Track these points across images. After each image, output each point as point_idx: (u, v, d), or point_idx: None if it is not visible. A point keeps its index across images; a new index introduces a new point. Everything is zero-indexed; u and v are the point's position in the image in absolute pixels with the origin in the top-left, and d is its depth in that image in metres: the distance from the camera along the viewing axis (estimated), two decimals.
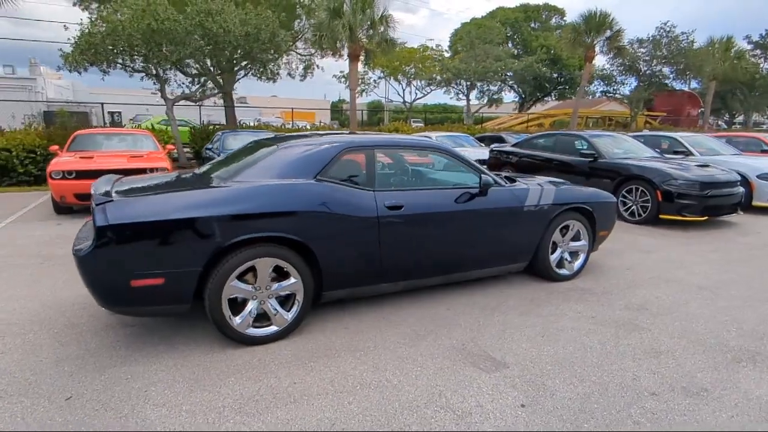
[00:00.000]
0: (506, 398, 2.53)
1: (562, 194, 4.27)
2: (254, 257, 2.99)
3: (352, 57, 15.66)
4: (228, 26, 12.76)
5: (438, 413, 2.39)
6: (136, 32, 12.38)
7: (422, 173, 4.16)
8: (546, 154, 8.55)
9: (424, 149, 3.94)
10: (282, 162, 3.27)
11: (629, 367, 2.86)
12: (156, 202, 2.82)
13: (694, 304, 3.88)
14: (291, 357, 2.95)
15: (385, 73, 29.60)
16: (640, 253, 5.45)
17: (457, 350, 3.06)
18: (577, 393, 2.58)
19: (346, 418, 2.34)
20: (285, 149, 3.38)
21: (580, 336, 3.27)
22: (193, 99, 14.58)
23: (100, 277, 2.71)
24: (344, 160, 3.45)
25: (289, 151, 3.37)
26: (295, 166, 3.26)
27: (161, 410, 2.39)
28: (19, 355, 2.93)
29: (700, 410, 2.44)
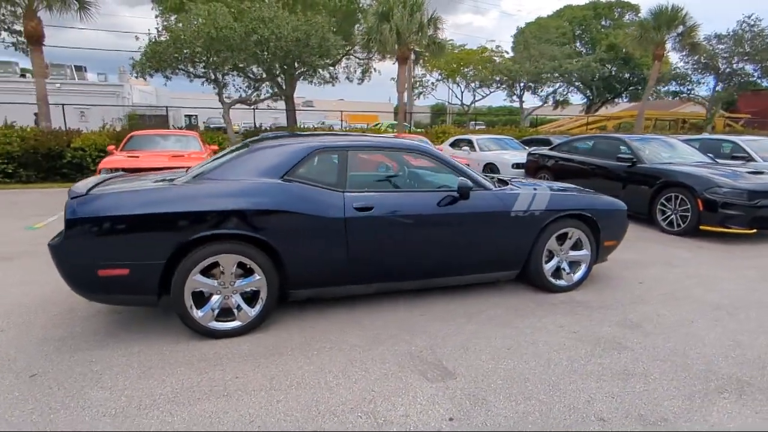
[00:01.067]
0: (437, 410, 2.43)
1: (558, 200, 4.02)
2: (217, 253, 3.10)
3: (401, 60, 15.68)
4: (280, 32, 13.27)
5: (359, 419, 2.34)
6: (197, 40, 13.22)
7: (402, 175, 4.08)
8: (582, 158, 8.07)
9: (400, 150, 3.87)
10: (252, 162, 3.36)
11: (588, 389, 2.63)
12: (122, 197, 3.01)
13: (700, 325, 3.50)
14: (246, 352, 3.03)
15: (443, 75, 29.36)
16: (665, 266, 4.99)
17: (411, 357, 2.98)
18: (516, 411, 2.43)
19: (267, 417, 2.36)
20: (257, 150, 3.47)
21: (551, 351, 3.07)
22: (248, 102, 15.34)
23: (69, 266, 2.94)
24: (315, 162, 3.48)
25: (260, 151, 3.46)
26: (263, 166, 3.34)
27: (104, 393, 2.55)
28: (14, 334, 3.24)
29: None
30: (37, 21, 12.52)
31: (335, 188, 3.41)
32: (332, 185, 3.42)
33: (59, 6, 12.58)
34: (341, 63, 25.22)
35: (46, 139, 12.29)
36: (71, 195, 2.99)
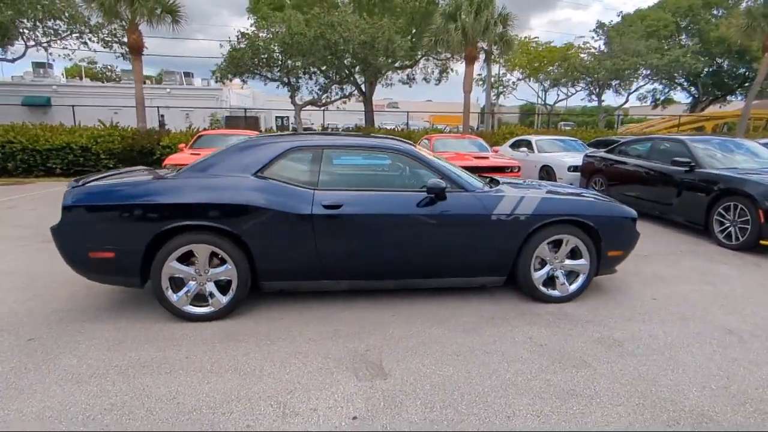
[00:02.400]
0: (347, 408, 2.44)
1: (549, 204, 3.76)
2: (190, 243, 3.36)
3: (468, 59, 15.36)
4: (348, 35, 13.69)
5: (266, 408, 2.43)
6: (273, 46, 14.10)
7: (379, 175, 4.05)
8: (637, 162, 7.37)
9: (376, 150, 3.86)
10: (229, 159, 3.59)
11: (516, 404, 2.48)
12: (108, 188, 3.38)
13: (694, 350, 3.09)
14: (209, 336, 3.25)
15: (524, 74, 28.18)
16: (696, 283, 4.43)
17: (354, 355, 3.00)
18: (425, 418, 2.36)
19: (188, 396, 2.54)
20: (236, 148, 3.69)
21: (501, 363, 2.91)
22: (318, 104, 16.02)
23: (66, 247, 3.36)
24: (289, 160, 3.61)
25: (239, 149, 3.67)
26: (239, 163, 3.55)
27: (72, 360, 2.89)
28: (35, 304, 3.77)
29: None
30: (138, 34, 14.14)
31: (306, 186, 3.52)
32: (303, 183, 3.54)
33: (156, 19, 14.09)
34: (418, 64, 25.37)
35: (141, 138, 13.84)
36: (70, 185, 3.42)
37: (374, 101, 50.90)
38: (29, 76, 35.01)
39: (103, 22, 14.64)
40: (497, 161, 9.23)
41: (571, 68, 22.85)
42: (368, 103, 26.86)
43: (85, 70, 48.06)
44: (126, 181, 3.48)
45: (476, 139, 11.27)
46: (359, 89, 26.16)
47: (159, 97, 33.00)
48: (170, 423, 2.29)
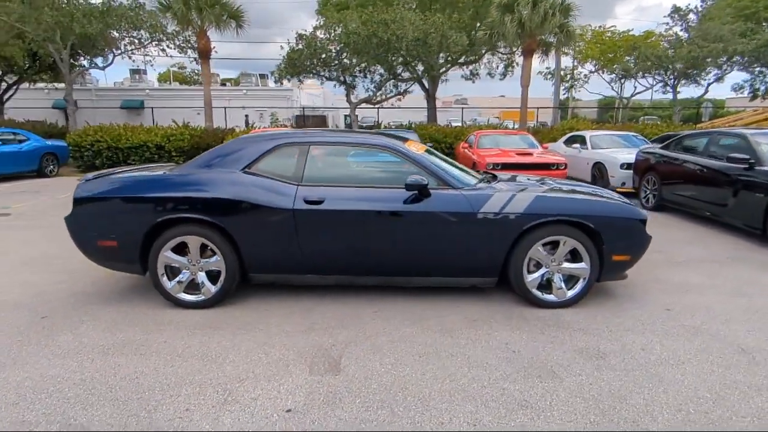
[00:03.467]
0: (286, 400, 2.47)
1: (543, 203, 3.53)
2: (183, 234, 3.57)
3: (526, 53, 14.67)
4: (401, 33, 13.68)
5: (212, 394, 2.53)
6: (330, 47, 14.47)
7: (365, 171, 3.99)
8: (690, 158, 6.65)
9: (362, 146, 3.83)
10: (222, 155, 3.75)
11: (457, 411, 2.37)
12: (110, 183, 3.67)
13: (689, 368, 2.76)
14: (193, 323, 3.43)
15: (597, 66, 26.37)
16: (727, 295, 3.94)
17: (317, 349, 3.02)
18: (357, 417, 2.33)
19: (148, 377, 2.70)
20: (229, 145, 3.85)
21: (463, 367, 2.79)
22: (373, 102, 16.17)
23: (77, 236, 3.71)
24: (277, 156, 3.70)
25: (231, 146, 3.82)
26: (232, 158, 3.70)
27: (68, 338, 3.19)
28: (64, 286, 4.20)
29: None
30: (206, 39, 15.14)
31: (290, 181, 3.60)
32: (288, 178, 3.61)
33: (223, 24, 14.99)
34: (482, 59, 24.72)
35: (207, 136, 14.80)
36: (83, 179, 3.76)
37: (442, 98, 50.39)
38: (127, 82, 38.84)
39: (179, 30, 15.81)
40: (541, 158, 8.80)
41: (642, 57, 20.92)
42: (431, 99, 26.68)
43: (174, 74, 52.30)
44: (128, 176, 3.76)
45: (525, 135, 10.79)
46: (422, 86, 26.08)
47: (236, 98, 35.12)
48: (121, 400, 2.46)
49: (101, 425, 2.26)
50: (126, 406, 2.42)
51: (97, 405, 2.43)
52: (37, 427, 2.24)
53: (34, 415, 2.34)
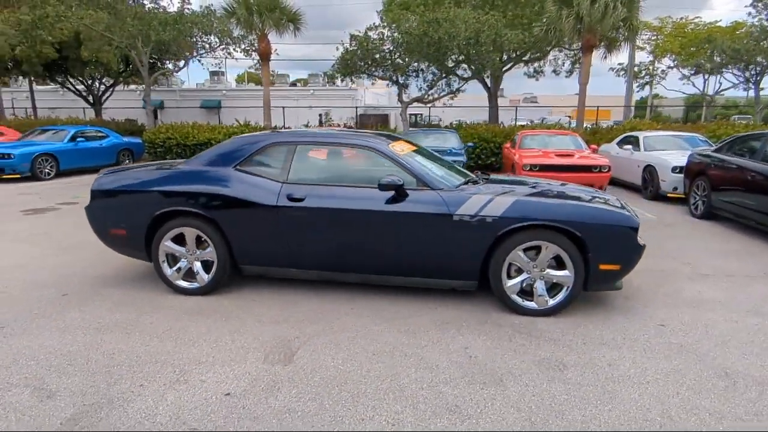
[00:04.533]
0: (230, 384, 2.63)
1: (523, 206, 3.41)
2: (180, 226, 3.87)
3: (585, 49, 13.86)
4: (453, 32, 13.54)
5: (168, 373, 2.74)
6: (383, 46, 14.66)
7: (349, 170, 3.99)
8: (741, 162, 6.01)
9: (346, 146, 3.89)
10: (220, 152, 3.99)
11: (383, 410, 2.40)
12: (119, 177, 4.04)
13: (651, 388, 2.57)
14: (183, 308, 3.70)
15: (676, 61, 24.25)
16: (745, 314, 3.57)
17: (279, 340, 3.15)
18: (287, 406, 2.43)
19: (123, 352, 2.97)
20: (227, 143, 4.08)
21: (410, 368, 2.80)
22: (424, 101, 16.13)
23: (94, 224, 4.12)
24: (266, 154, 3.88)
25: (227, 144, 4.06)
26: (226, 156, 3.94)
27: (77, 315, 3.56)
28: (91, 270, 4.66)
29: None
30: (267, 42, 15.90)
31: (276, 179, 3.76)
32: (275, 176, 3.78)
33: (282, 27, 15.67)
34: (548, 56, 23.74)
35: None
36: (101, 174, 4.17)
37: (509, 96, 48.83)
38: (208, 83, 41.72)
39: (244, 34, 16.75)
40: (581, 160, 8.35)
41: (718, 51, 18.83)
42: (493, 98, 26.06)
43: (250, 75, 55.24)
44: (136, 171, 4.12)
45: (573, 135, 10.28)
46: (483, 84, 25.53)
47: (304, 98, 36.55)
48: (91, 372, 2.74)
49: (64, 391, 2.54)
50: (92, 377, 2.69)
51: (70, 374, 2.72)
52: (11, 390, 2.57)
53: (16, 379, 2.68)
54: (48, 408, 2.41)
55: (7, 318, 3.49)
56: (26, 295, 3.95)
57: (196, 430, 2.25)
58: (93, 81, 27.86)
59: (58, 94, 31.35)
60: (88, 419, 2.31)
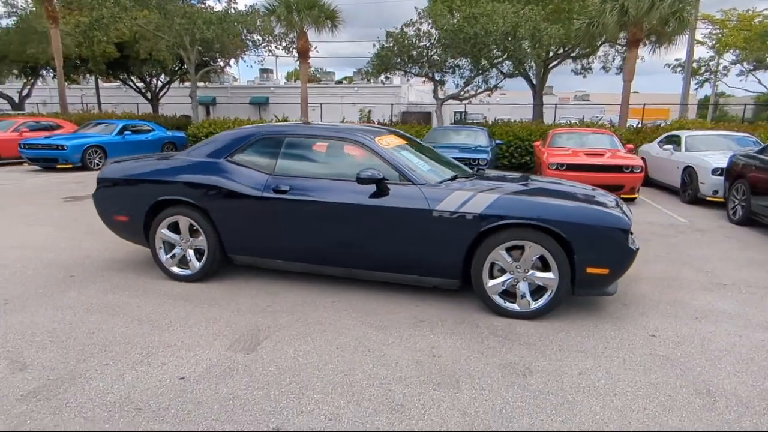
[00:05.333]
0: (188, 368, 2.68)
1: (504, 204, 3.26)
2: (175, 214, 3.99)
3: (631, 43, 13.07)
4: (490, 27, 13.24)
5: (135, 354, 2.83)
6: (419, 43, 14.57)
7: (334, 164, 3.93)
8: None
9: (331, 139, 3.86)
10: (212, 144, 4.08)
11: (323, 402, 2.36)
12: (121, 167, 4.21)
13: (615, 402, 2.38)
14: (175, 293, 3.82)
15: (739, 56, 22.43)
16: (752, 329, 3.25)
17: (248, 329, 3.17)
18: (232, 393, 2.45)
19: (106, 330, 3.10)
20: (220, 135, 4.16)
21: (368, 364, 2.75)
22: (460, 98, 15.86)
23: (99, 210, 4.33)
24: (256, 146, 3.93)
25: (221, 136, 4.14)
26: (216, 148, 4.02)
27: (74, 295, 3.76)
28: (106, 254, 4.92)
29: None
30: (305, 39, 16.16)
31: (264, 171, 3.81)
32: (263, 168, 3.83)
33: (320, 24, 15.88)
34: (598, 51, 22.71)
35: None
36: (109, 163, 4.37)
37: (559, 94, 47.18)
38: (258, 81, 43.08)
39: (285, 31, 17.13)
40: (611, 160, 7.93)
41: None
42: (537, 95, 25.25)
43: (296, 73, 56.39)
44: (138, 162, 4.29)
45: (608, 134, 9.77)
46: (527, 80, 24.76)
47: (348, 95, 36.96)
48: (67, 348, 2.88)
49: (36, 365, 2.69)
50: (66, 354, 2.83)
51: (47, 349, 2.87)
52: None
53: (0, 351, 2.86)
54: (17, 380, 2.55)
55: (12, 294, 3.74)
56: (38, 274, 4.21)
57: (139, 409, 2.31)
58: (151, 78, 29.47)
59: (122, 91, 33.27)
60: (46, 393, 2.43)
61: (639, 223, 6.55)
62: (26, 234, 5.60)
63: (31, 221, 6.28)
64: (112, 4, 15.61)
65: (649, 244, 5.45)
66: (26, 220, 6.33)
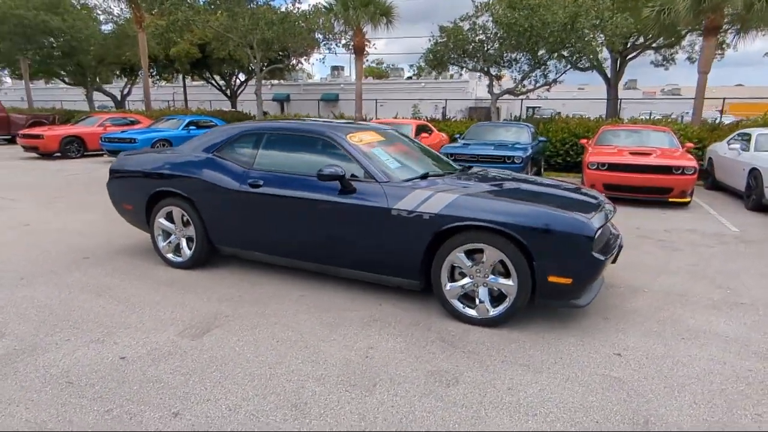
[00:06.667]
0: (131, 349, 2.85)
1: (461, 204, 3.09)
2: (169, 205, 4.25)
3: (707, 31, 11.69)
4: (547, 18, 12.59)
5: (95, 333, 3.05)
6: (475, 38, 14.24)
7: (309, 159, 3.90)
8: None
9: (306, 135, 3.86)
10: (204, 139, 4.28)
11: (228, 393, 2.41)
12: (126, 159, 4.54)
13: (527, 423, 2.19)
14: (164, 279, 4.06)
15: None
16: (740, 358, 2.83)
17: (209, 318, 3.30)
18: (159, 377, 2.58)
19: (86, 308, 3.39)
20: (212, 130, 4.34)
21: (297, 359, 2.76)
22: (516, 93, 15.21)
23: (111, 199, 4.71)
24: (240, 142, 4.06)
25: (213, 131, 4.32)
26: (206, 143, 4.21)
27: (78, 275, 4.13)
28: (123, 236, 5.32)
29: None
30: (361, 37, 16.34)
31: (243, 165, 3.93)
32: (243, 163, 3.95)
33: (376, 21, 15.99)
34: (682, 41, 20.74)
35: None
36: (122, 155, 4.74)
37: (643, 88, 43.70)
38: (329, 78, 44.38)
39: (344, 29, 17.45)
40: (659, 160, 7.22)
41: None
42: (612, 89, 23.56)
43: (371, 69, 57.20)
44: (143, 155, 4.60)
45: (665, 131, 8.90)
46: (601, 74, 23.17)
47: (415, 90, 36.91)
48: (44, 323, 3.17)
49: (10, 335, 3.00)
50: (40, 327, 3.12)
51: (27, 322, 3.19)
52: None
53: None
54: None
55: (29, 272, 4.18)
56: (60, 255, 4.67)
57: (70, 383, 2.50)
58: (230, 77, 31.38)
59: (206, 89, 35.71)
60: (4, 361, 2.70)
61: (679, 231, 5.93)
62: (73, 219, 6.21)
63: (84, 208, 6.95)
64: (186, 8, 16.78)
65: (676, 255, 4.92)
66: (81, 207, 7.02)
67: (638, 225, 6.23)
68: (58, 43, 24.14)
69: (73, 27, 23.11)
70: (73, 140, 14.24)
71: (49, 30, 22.66)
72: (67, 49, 24.05)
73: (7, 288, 3.79)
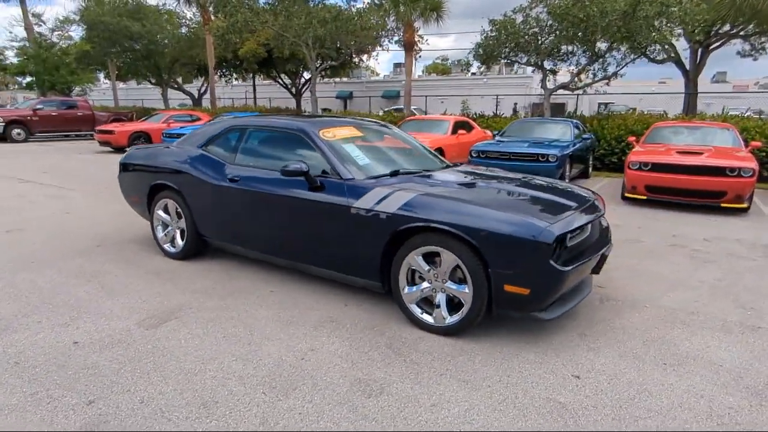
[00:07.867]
0: (87, 335, 2.96)
1: (416, 204, 2.90)
2: (165, 198, 4.41)
3: None
4: (606, 7, 11.75)
5: (67, 316, 3.21)
6: (529, 30, 13.65)
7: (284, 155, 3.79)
8: None
9: (282, 131, 3.79)
10: (195, 133, 4.38)
11: (155, 387, 2.42)
12: (135, 152, 4.74)
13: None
14: (153, 268, 4.21)
15: None
16: (734, 388, 2.41)
17: (170, 309, 3.34)
18: (108, 365, 2.65)
19: (71, 293, 3.59)
20: (204, 125, 4.42)
21: (234, 357, 2.73)
22: (570, 87, 14.33)
23: (121, 189, 4.96)
24: (226, 137, 4.11)
25: (204, 126, 4.40)
26: (196, 138, 4.31)
27: (80, 262, 4.38)
28: (143, 226, 5.64)
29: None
30: (411, 32, 16.15)
31: (226, 160, 3.97)
32: (225, 157, 4.00)
33: (426, 16, 15.74)
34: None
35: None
36: (132, 149, 4.98)
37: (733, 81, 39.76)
38: (391, 75, 44.59)
39: (396, 26, 17.35)
40: (710, 161, 6.45)
41: None
42: (691, 83, 21.52)
43: (435, 66, 56.66)
44: (147, 149, 4.79)
45: (726, 128, 7.93)
46: (679, 66, 21.21)
47: (477, 86, 36.15)
48: (29, 304, 3.39)
49: None
50: (20, 309, 3.32)
51: (12, 302, 3.42)
52: None
53: None
54: None
55: (40, 257, 4.50)
56: (75, 242, 5.00)
57: (17, 363, 2.63)
58: (294, 75, 32.40)
59: (275, 87, 37.16)
60: None
61: (721, 240, 5.26)
62: (105, 210, 6.64)
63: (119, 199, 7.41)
64: (246, 9, 17.49)
65: (705, 267, 4.35)
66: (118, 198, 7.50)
67: (677, 232, 5.61)
68: (139, 47, 26.19)
69: (150, 31, 24.93)
70: (141, 135, 15.35)
71: (130, 34, 24.63)
72: (146, 52, 26.02)
73: (13, 270, 4.10)
